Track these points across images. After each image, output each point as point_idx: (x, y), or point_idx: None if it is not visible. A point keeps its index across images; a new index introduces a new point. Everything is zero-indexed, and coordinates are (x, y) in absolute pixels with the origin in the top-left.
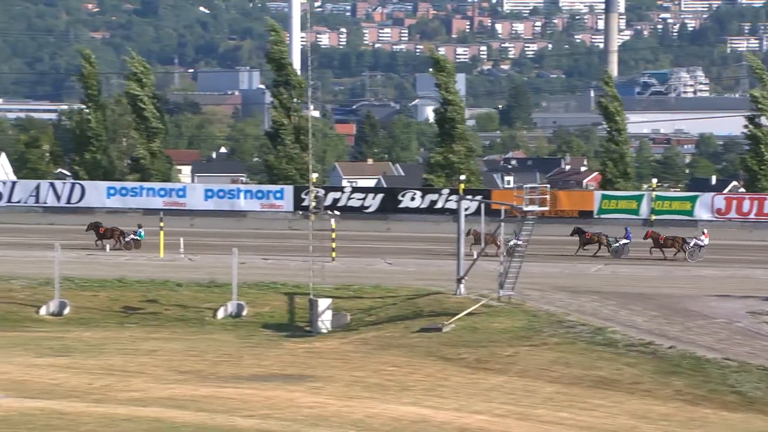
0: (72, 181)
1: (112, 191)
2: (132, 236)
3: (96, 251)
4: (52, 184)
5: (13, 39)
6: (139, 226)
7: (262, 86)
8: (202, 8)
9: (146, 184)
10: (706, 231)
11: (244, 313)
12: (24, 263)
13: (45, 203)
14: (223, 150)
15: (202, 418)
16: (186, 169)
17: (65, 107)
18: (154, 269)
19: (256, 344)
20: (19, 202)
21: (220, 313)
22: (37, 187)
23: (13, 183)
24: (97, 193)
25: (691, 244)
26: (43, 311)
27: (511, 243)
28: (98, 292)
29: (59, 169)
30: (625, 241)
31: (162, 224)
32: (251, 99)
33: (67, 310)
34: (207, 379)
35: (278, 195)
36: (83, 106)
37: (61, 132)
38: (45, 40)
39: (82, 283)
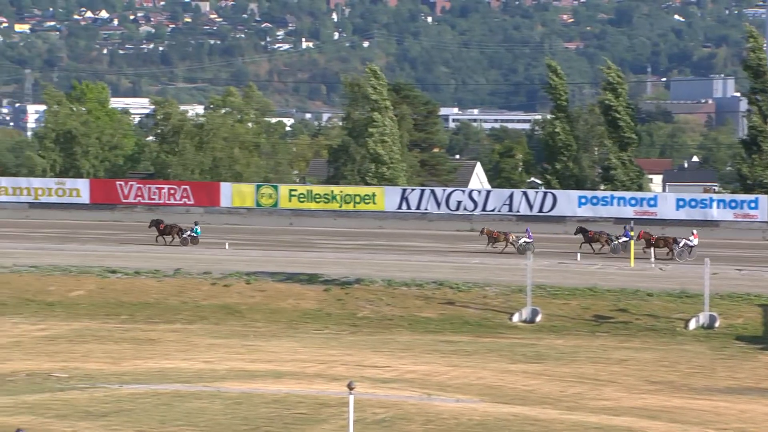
0: (544, 190)
1: (583, 200)
2: (189, 233)
3: (567, 260)
4: (524, 193)
5: (490, 51)
6: (196, 224)
7: (737, 94)
8: (676, 16)
9: (617, 194)
10: (695, 232)
11: (717, 324)
12: (499, 270)
13: (518, 212)
14: (695, 159)
15: (674, 430)
16: (657, 178)
17: (538, 117)
18: (625, 278)
19: (730, 356)
20: (493, 210)
21: (692, 324)
22: (511, 196)
23: (488, 192)
24: (568, 202)
25: (681, 245)
26: (515, 318)
27: (521, 241)
28: (569, 300)
29: (532, 178)
30: (624, 239)
31: (632, 233)
32: (725, 107)
33: (539, 318)
34: (679, 390)
35: (752, 205)
36: (553, 116)
37: (533, 142)
38: (520, 51)
39: (554, 290)
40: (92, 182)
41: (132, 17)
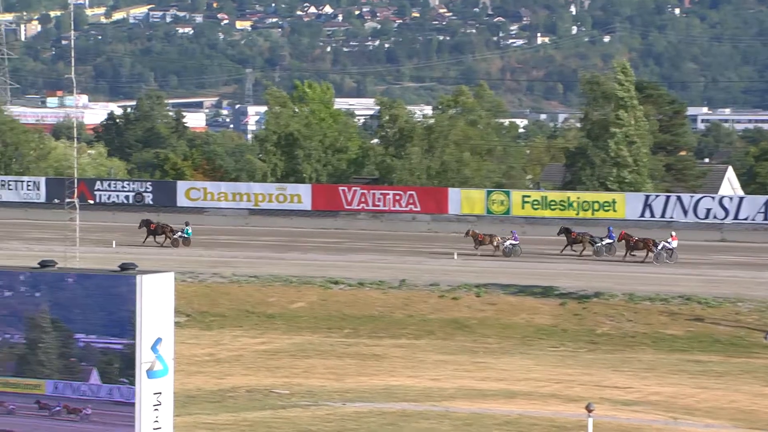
0: None
1: None
2: (179, 233)
3: None
4: None
5: (744, 45)
6: (186, 224)
7: None
8: None
9: None
10: (674, 233)
11: None
12: (752, 284)
13: None
14: None
15: None
16: None
17: None
18: None
19: None
20: (746, 218)
21: None
22: (766, 203)
23: (741, 198)
24: None
25: (659, 247)
26: None
27: (507, 243)
28: None
29: None
30: (608, 240)
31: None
32: None
33: None
34: None
35: None
36: None
37: None
38: None
39: None
40: (314, 188)
41: (357, 13)
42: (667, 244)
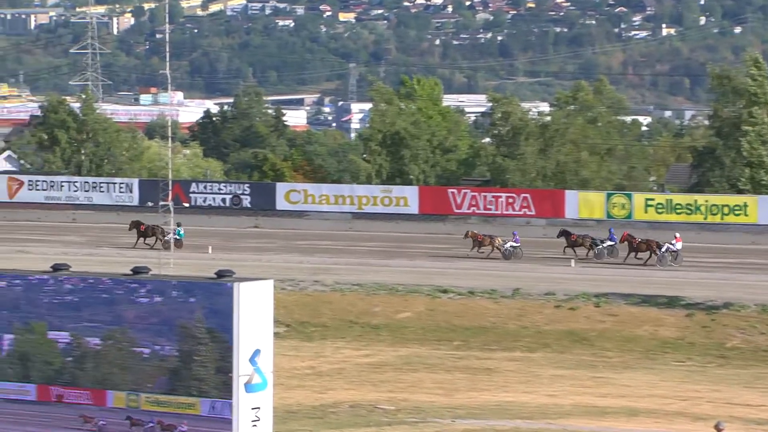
0: None
1: None
2: (172, 235)
3: None
4: None
5: None
6: (179, 225)
7: None
8: None
9: None
10: (678, 235)
11: None
12: None
13: None
14: None
15: None
16: None
17: None
18: None
19: None
20: None
21: None
22: None
23: None
24: None
25: (663, 249)
26: None
27: (507, 245)
28: None
29: None
30: (609, 243)
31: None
32: None
33: None
34: None
35: None
36: None
37: None
38: None
39: None
40: (421, 190)
41: (468, 3)
42: (671, 246)
